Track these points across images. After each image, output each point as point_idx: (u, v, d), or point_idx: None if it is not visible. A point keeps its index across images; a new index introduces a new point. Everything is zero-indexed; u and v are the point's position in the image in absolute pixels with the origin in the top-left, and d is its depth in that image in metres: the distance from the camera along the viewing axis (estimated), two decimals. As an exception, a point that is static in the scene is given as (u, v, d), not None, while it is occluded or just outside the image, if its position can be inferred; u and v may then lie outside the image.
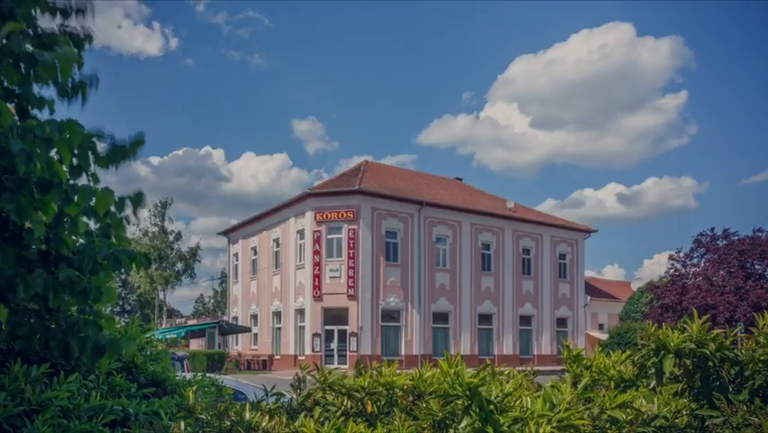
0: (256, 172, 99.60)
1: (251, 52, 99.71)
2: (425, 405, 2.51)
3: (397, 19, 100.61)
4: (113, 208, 2.91)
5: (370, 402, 2.77)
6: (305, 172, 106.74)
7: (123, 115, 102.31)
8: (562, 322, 43.96)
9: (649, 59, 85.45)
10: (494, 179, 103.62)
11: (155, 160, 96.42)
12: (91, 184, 2.95)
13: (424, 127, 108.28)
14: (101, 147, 3.04)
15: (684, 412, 2.42)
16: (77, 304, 3.01)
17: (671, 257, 36.85)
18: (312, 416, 2.51)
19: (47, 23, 3.04)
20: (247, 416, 2.49)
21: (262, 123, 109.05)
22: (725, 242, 35.23)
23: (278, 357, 37.68)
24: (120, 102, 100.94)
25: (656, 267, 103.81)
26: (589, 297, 46.16)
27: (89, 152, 2.98)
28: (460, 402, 2.16)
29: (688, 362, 2.38)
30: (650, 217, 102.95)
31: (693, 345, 2.36)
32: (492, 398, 2.10)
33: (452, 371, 2.14)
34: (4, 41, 2.54)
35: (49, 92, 3.05)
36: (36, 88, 2.91)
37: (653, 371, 2.46)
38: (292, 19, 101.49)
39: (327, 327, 34.89)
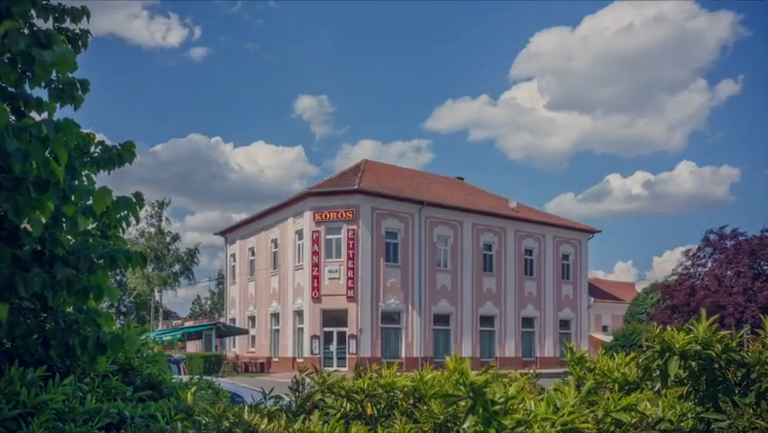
0: (263, 163, 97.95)
1: (262, 39, 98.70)
2: (425, 407, 2.51)
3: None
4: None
5: (369, 405, 2.78)
6: (312, 166, 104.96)
7: (130, 106, 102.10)
8: (565, 324, 43.95)
9: (700, 36, 79.43)
10: (514, 168, 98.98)
11: (154, 148, 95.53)
12: (86, 183, 2.97)
13: (437, 111, 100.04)
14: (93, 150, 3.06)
15: (689, 415, 2.43)
16: (77, 303, 3.02)
17: (685, 253, 36.80)
18: (311, 418, 2.52)
19: (43, 22, 3.06)
20: (245, 418, 2.50)
21: (268, 109, 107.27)
22: (732, 242, 35.22)
23: (277, 360, 37.68)
24: (129, 94, 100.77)
25: (667, 265, 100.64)
26: (592, 298, 46.16)
27: (84, 154, 3.00)
28: (463, 403, 2.17)
29: (693, 364, 2.39)
30: (678, 211, 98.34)
31: (699, 347, 2.37)
32: (496, 399, 2.11)
33: (457, 370, 2.15)
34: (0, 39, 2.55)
35: (42, 94, 3.07)
36: (31, 91, 2.93)
37: (657, 373, 2.46)
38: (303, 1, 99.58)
39: (326, 329, 34.89)
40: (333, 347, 34.81)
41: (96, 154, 3.19)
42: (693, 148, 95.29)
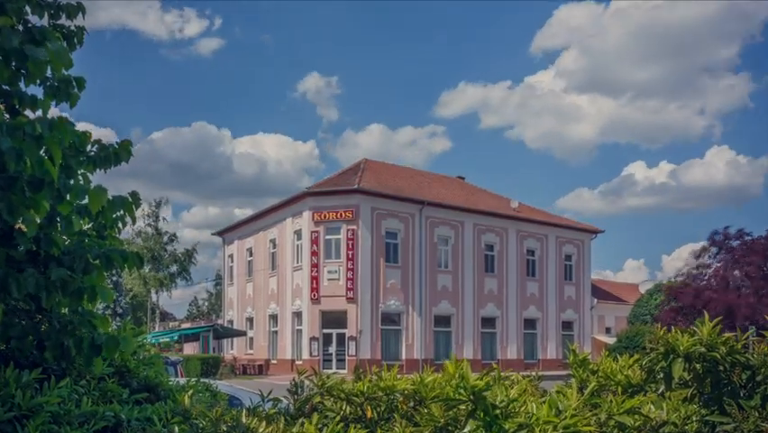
0: (271, 156, 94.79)
1: (271, 21, 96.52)
2: (426, 411, 2.51)
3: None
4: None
5: (369, 408, 2.78)
6: (321, 161, 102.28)
7: (142, 100, 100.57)
8: (567, 325, 43.95)
9: (751, 12, 73.35)
10: (532, 158, 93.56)
11: (151, 137, 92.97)
12: (82, 182, 2.97)
13: (450, 97, 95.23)
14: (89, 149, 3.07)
15: (694, 418, 2.43)
16: (71, 305, 3.02)
17: (693, 254, 36.83)
18: (310, 422, 2.52)
19: (38, 19, 3.06)
20: (243, 421, 2.50)
21: (275, 97, 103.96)
22: (738, 242, 35.22)
23: (275, 362, 37.67)
24: (140, 87, 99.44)
25: (677, 263, 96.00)
26: (595, 299, 46.16)
27: (79, 153, 3.00)
28: (463, 407, 2.17)
29: (698, 366, 2.39)
30: (703, 206, 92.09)
31: (703, 349, 2.37)
32: (497, 403, 2.11)
33: (457, 374, 2.15)
34: None
35: (37, 92, 3.07)
36: (26, 89, 2.93)
37: (661, 375, 2.46)
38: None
39: (325, 331, 34.89)
40: (333, 349, 34.81)
41: (93, 153, 3.19)
42: (730, 137, 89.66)
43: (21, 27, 2.83)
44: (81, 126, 2.88)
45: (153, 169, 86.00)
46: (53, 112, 3.10)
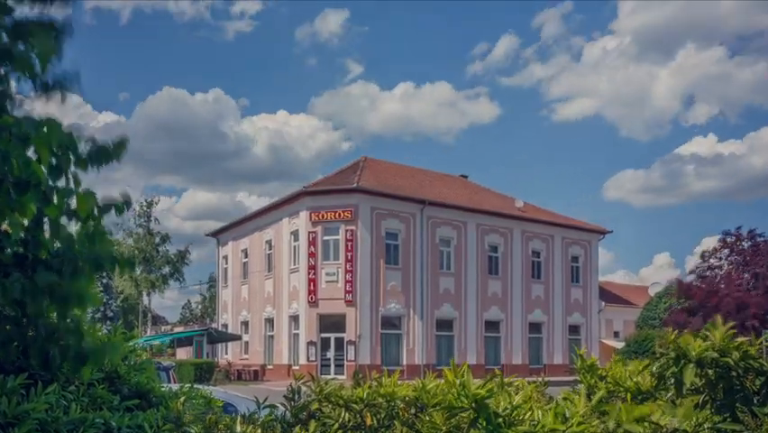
0: (283, 139, 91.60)
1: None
2: (427, 418, 2.51)
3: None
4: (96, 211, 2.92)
5: (369, 415, 2.78)
6: (336, 151, 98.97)
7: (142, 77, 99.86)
8: (574, 329, 43.97)
9: None
10: (580, 131, 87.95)
11: (147, 109, 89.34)
12: (72, 185, 2.96)
13: (489, 51, 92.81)
14: (82, 147, 3.05)
15: (706, 426, 2.42)
16: (57, 310, 3.02)
17: (703, 254, 36.92)
18: (307, 429, 2.52)
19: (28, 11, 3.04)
20: (238, 429, 2.50)
21: (282, 68, 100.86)
22: (750, 243, 35.28)
23: (271, 367, 37.71)
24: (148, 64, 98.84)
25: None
26: (603, 302, 46.17)
27: (69, 152, 2.99)
28: (465, 415, 2.16)
29: (710, 372, 2.38)
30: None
31: (716, 354, 2.36)
32: (500, 410, 2.10)
33: (458, 381, 2.14)
34: None
35: (26, 88, 3.06)
36: (12, 87, 2.91)
37: (672, 381, 2.46)
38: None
39: (323, 335, 34.89)
40: (331, 354, 34.82)
41: (84, 153, 3.18)
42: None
43: (6, 20, 2.82)
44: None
45: (148, 149, 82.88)
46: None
